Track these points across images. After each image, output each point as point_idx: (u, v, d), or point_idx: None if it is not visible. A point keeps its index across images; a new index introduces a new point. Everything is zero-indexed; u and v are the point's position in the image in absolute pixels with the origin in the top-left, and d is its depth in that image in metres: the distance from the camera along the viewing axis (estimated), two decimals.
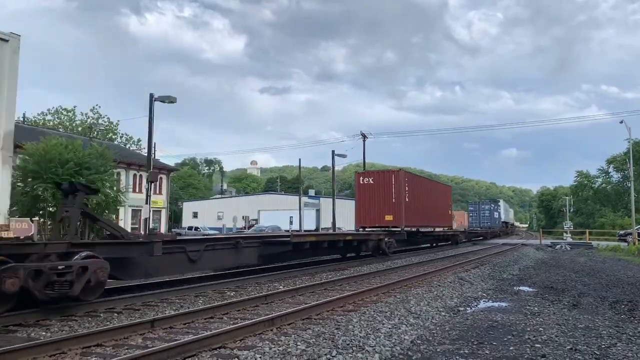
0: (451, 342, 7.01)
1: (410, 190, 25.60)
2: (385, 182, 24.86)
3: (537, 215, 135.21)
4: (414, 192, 26.33)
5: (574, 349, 6.57)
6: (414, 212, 25.82)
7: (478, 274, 15.66)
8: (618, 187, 71.22)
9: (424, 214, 27.83)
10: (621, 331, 7.68)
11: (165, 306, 9.75)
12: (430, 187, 31.02)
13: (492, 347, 6.70)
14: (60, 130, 52.56)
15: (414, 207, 25.93)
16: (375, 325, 7.80)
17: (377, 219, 24.54)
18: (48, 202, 19.92)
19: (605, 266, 19.87)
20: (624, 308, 9.81)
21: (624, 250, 30.96)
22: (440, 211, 32.09)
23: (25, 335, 7.30)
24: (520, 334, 7.53)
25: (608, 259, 24.72)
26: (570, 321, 8.45)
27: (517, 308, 9.84)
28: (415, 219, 26.12)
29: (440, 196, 32.73)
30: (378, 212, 24.57)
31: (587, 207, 75.26)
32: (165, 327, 7.70)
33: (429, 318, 8.69)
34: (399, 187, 24.45)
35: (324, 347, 6.35)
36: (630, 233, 38.70)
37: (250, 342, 6.76)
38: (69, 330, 7.59)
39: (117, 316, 8.78)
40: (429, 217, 29.09)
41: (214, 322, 8.25)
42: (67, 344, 6.36)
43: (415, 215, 26.18)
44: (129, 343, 6.79)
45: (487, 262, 20.20)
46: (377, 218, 24.54)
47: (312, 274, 15.74)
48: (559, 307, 9.88)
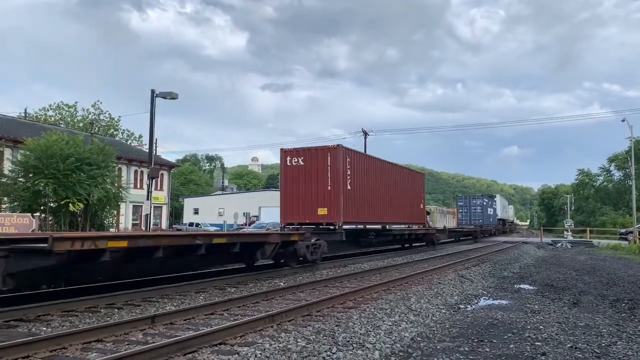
0: (451, 339, 7.01)
1: (354, 174, 19.49)
2: (319, 163, 18.64)
3: (538, 213, 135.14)
4: (361, 177, 20.23)
5: (574, 347, 6.57)
6: (359, 204, 19.83)
7: (478, 272, 15.66)
8: (619, 186, 71.13)
9: (377, 207, 21.77)
10: (621, 330, 7.68)
11: (166, 302, 9.77)
12: (389, 173, 23.94)
13: (492, 345, 6.70)
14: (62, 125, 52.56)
15: (359, 197, 19.88)
16: (375, 322, 7.81)
17: (307, 213, 18.64)
18: (49, 198, 19.93)
19: (605, 264, 19.87)
20: (625, 307, 9.80)
21: (625, 248, 30.94)
22: (405, 204, 25.75)
23: (26, 331, 7.32)
24: (521, 332, 7.53)
25: (609, 257, 24.71)
26: (570, 319, 8.45)
27: (517, 306, 9.84)
28: (361, 213, 20.17)
29: (406, 185, 26.28)
30: (309, 203, 18.59)
31: (588, 206, 75.15)
32: (166, 323, 7.71)
33: (429, 315, 8.70)
34: (336, 170, 18.36)
35: (324, 344, 6.35)
36: (631, 231, 38.67)
37: (250, 338, 6.76)
38: (70, 326, 7.60)
39: (118, 312, 8.79)
40: (386, 211, 22.95)
41: (215, 318, 8.26)
42: (67, 340, 6.37)
43: (362, 208, 20.16)
44: (129, 339, 6.80)
45: (487, 260, 20.21)
46: (307, 212, 18.63)
47: (313, 271, 15.75)
48: (560, 305, 9.88)
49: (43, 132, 22.54)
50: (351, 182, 19.12)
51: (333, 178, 18.36)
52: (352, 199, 19.12)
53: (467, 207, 52.38)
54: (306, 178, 18.70)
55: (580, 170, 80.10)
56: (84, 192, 19.69)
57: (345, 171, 18.66)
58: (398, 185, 24.76)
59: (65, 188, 19.25)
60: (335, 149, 18.58)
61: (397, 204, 24.29)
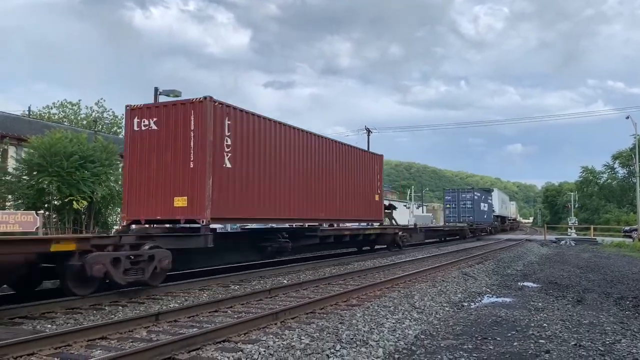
0: (455, 337, 7.01)
1: (241, 145, 13.09)
2: (179, 127, 12.21)
3: (541, 210, 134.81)
4: (257, 150, 13.67)
5: (578, 345, 6.56)
6: (251, 192, 13.36)
7: (482, 270, 15.65)
8: (623, 183, 70.92)
9: (294, 197, 15.33)
10: (626, 327, 7.66)
11: (169, 299, 9.79)
12: (317, 150, 16.95)
13: (496, 343, 6.70)
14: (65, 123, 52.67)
15: (251, 180, 13.42)
16: (379, 320, 7.81)
17: (161, 205, 12.18)
18: (53, 196, 19.98)
19: (609, 262, 19.82)
20: (629, 304, 9.78)
21: (629, 246, 30.84)
22: (348, 195, 18.98)
23: (30, 328, 7.35)
24: (524, 329, 7.52)
25: (613, 254, 24.65)
26: (574, 317, 8.43)
27: (521, 304, 9.83)
28: (257, 206, 13.61)
29: (350, 168, 19.26)
30: (163, 189, 12.21)
31: (592, 203, 74.91)
32: (170, 321, 7.73)
33: (433, 313, 8.70)
34: (204, 137, 11.89)
35: (328, 341, 6.36)
36: (636, 229, 38.56)
37: (254, 335, 6.78)
38: (74, 323, 7.63)
39: (122, 309, 8.82)
40: (312, 203, 16.34)
41: (219, 316, 8.28)
42: (72, 337, 6.40)
43: (259, 197, 13.68)
44: (133, 336, 6.82)
45: (491, 258, 20.18)
46: (161, 202, 12.20)
47: (316, 268, 15.75)
48: (563, 303, 9.86)
49: (47, 130, 22.59)
50: (233, 158, 12.68)
51: (198, 149, 11.89)
52: (234, 182, 12.73)
53: (455, 202, 44.00)
54: (160, 150, 12.34)
55: (584, 168, 79.95)
56: (88, 190, 19.72)
57: (221, 139, 12.29)
58: (334, 167, 17.92)
59: (69, 186, 19.28)
60: (202, 103, 12.02)
61: (332, 194, 17.60)
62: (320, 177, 17.00)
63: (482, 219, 45.33)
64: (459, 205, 43.60)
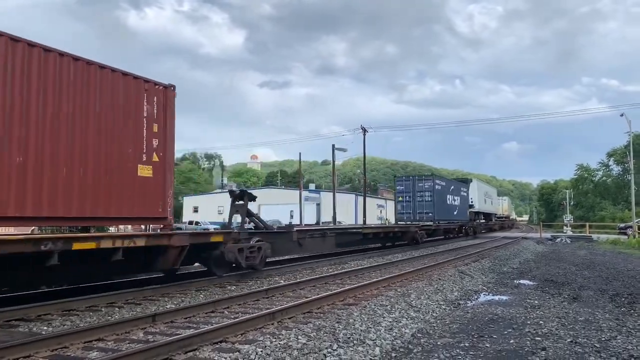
0: (452, 335, 7.03)
1: None
2: None
3: (537, 208, 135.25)
4: None
5: (574, 341, 6.59)
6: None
7: (478, 268, 15.68)
8: (618, 180, 71.24)
9: None
10: (621, 324, 7.70)
11: (166, 300, 9.78)
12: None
13: (493, 340, 6.72)
14: None
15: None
16: (376, 319, 7.82)
17: None
18: None
19: (605, 259, 19.90)
20: (624, 301, 9.82)
21: (624, 243, 30.99)
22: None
23: (27, 330, 7.33)
24: (521, 327, 7.54)
25: (608, 252, 24.74)
26: (570, 314, 8.47)
27: (517, 301, 9.86)
28: None
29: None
30: None
31: (588, 201, 75.25)
32: (167, 322, 7.73)
33: (430, 311, 8.71)
34: None
35: (325, 340, 6.37)
36: (631, 226, 38.74)
37: (251, 336, 6.78)
38: (71, 325, 7.61)
39: (119, 310, 8.80)
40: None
41: (215, 317, 8.27)
42: (68, 339, 6.39)
43: None
44: (130, 337, 6.81)
45: (487, 256, 20.24)
46: None
47: (313, 268, 15.76)
48: (559, 301, 9.89)
49: None
50: None
51: None
52: None
53: (410, 194, 33.19)
54: None
55: (579, 165, 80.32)
56: None
57: None
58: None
59: None
60: None
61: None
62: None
63: (451, 216, 35.61)
64: (415, 198, 32.69)
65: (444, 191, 34.37)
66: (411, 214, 32.54)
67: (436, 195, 32.46)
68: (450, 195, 35.54)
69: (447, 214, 34.57)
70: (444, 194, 34.34)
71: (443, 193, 34.23)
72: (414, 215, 32.35)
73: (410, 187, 33.20)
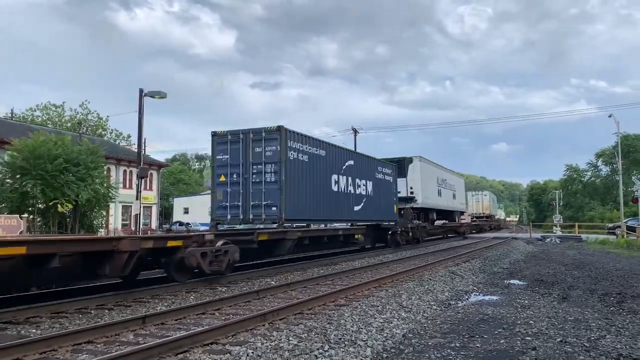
0: (442, 335, 7.05)
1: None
2: None
3: (527, 209, 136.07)
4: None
5: (564, 341, 6.62)
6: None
7: (469, 268, 15.75)
8: (607, 181, 71.91)
9: None
10: (610, 323, 7.76)
11: (156, 302, 9.72)
12: None
13: (483, 340, 6.74)
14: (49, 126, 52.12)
15: None
16: (367, 319, 7.83)
17: None
18: (37, 199, 19.75)
19: (594, 259, 20.05)
20: (613, 300, 9.90)
21: (613, 243, 31.24)
22: None
23: (15, 333, 7.26)
24: (511, 327, 7.58)
25: (597, 252, 24.93)
26: (560, 314, 8.52)
27: (507, 301, 9.91)
28: None
29: None
30: None
31: (577, 201, 75.86)
32: (157, 324, 7.68)
33: (421, 312, 8.73)
34: None
35: (316, 341, 6.36)
36: (619, 226, 39.07)
37: (242, 337, 6.76)
38: (60, 328, 7.55)
39: (108, 312, 8.74)
40: None
41: (206, 318, 8.24)
42: (57, 341, 6.33)
43: None
44: (120, 339, 6.76)
45: (477, 256, 20.32)
46: None
47: (304, 269, 15.74)
48: (549, 300, 9.96)
49: (30, 132, 22.30)
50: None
51: None
52: None
53: (237, 170, 16.19)
54: None
55: (568, 166, 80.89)
56: (73, 193, 19.52)
57: None
58: None
59: (53, 189, 19.06)
60: None
61: None
62: None
63: (347, 214, 20.08)
64: (250, 178, 16.03)
65: (318, 165, 17.68)
66: (242, 205, 16.05)
67: (291, 170, 15.93)
68: (344, 177, 19.44)
69: (331, 208, 18.42)
70: (319, 170, 17.76)
71: (316, 168, 17.59)
72: (246, 210, 16.01)
73: (241, 155, 16.13)
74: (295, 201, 15.97)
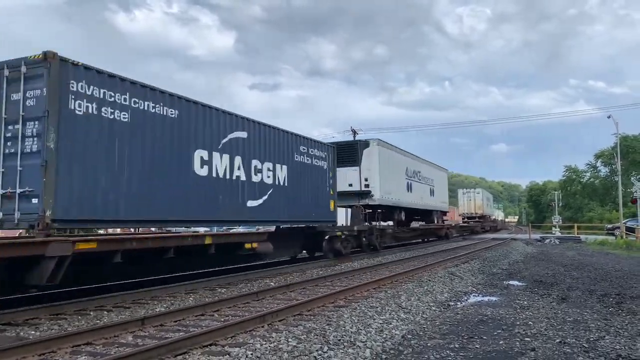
0: (442, 336, 7.05)
1: None
2: None
3: (526, 209, 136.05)
4: None
5: (563, 342, 6.63)
6: None
7: (468, 269, 15.75)
8: (606, 182, 71.84)
9: None
10: (609, 324, 7.76)
11: (155, 304, 9.72)
12: None
13: (482, 341, 6.75)
14: None
15: None
16: (366, 320, 7.83)
17: None
18: None
19: (593, 260, 20.05)
20: (612, 301, 9.90)
21: (612, 243, 31.24)
22: None
23: (14, 335, 7.25)
24: (510, 327, 7.58)
25: (596, 252, 24.94)
26: (559, 315, 8.52)
27: (506, 302, 9.91)
28: None
29: None
30: None
31: (576, 202, 75.81)
32: (156, 325, 7.67)
33: (420, 313, 8.73)
34: None
35: (315, 343, 6.36)
36: (618, 227, 39.08)
37: (241, 338, 6.75)
38: (59, 329, 7.54)
39: (107, 314, 8.74)
40: None
41: (205, 320, 8.23)
42: (56, 343, 6.33)
43: None
44: (119, 341, 6.76)
45: (477, 257, 20.33)
46: None
47: (304, 270, 15.74)
48: (548, 301, 9.96)
49: None
50: None
51: None
52: None
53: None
54: None
55: (567, 167, 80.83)
56: None
57: None
58: None
59: None
60: None
61: None
62: None
63: (217, 209, 12.68)
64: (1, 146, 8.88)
65: (159, 131, 11.06)
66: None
67: (76, 132, 9.24)
68: (225, 156, 13.19)
69: (196, 203, 11.98)
70: (162, 140, 11.16)
71: (155, 137, 10.95)
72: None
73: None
74: (89, 186, 9.36)
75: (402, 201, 26.41)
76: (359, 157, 22.60)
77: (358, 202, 22.00)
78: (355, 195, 22.27)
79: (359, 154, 22.66)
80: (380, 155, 23.27)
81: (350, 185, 21.93)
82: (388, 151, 24.82)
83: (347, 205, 22.19)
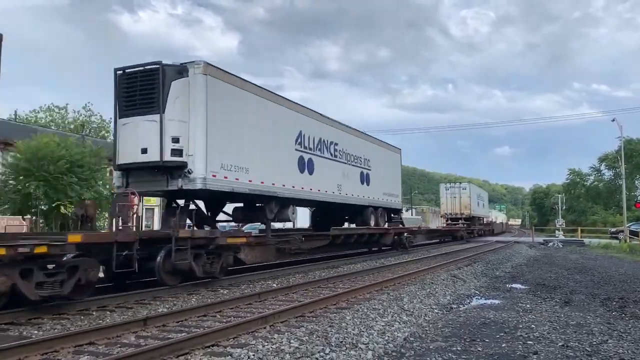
0: (444, 339, 7.03)
1: None
2: None
3: (529, 212, 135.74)
4: None
5: (566, 345, 6.61)
6: None
7: (471, 272, 15.72)
8: (610, 185, 71.65)
9: None
10: (612, 328, 7.73)
11: (158, 304, 9.73)
12: None
13: (485, 344, 6.73)
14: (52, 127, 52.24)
15: None
16: (368, 322, 7.82)
17: None
18: (40, 200, 19.78)
19: (597, 263, 20.00)
20: (615, 305, 9.87)
21: (616, 247, 31.16)
22: None
23: (17, 334, 7.27)
24: (513, 331, 7.56)
25: (600, 256, 24.88)
26: (562, 318, 8.50)
27: (509, 305, 9.89)
28: None
29: None
30: None
31: (579, 205, 75.62)
32: (158, 325, 7.68)
33: (422, 315, 8.72)
34: None
35: (317, 344, 6.35)
36: (622, 230, 38.98)
37: (243, 339, 6.75)
38: (61, 329, 7.55)
39: (110, 314, 8.75)
40: None
41: (207, 320, 8.24)
42: (59, 343, 6.34)
43: None
44: (121, 341, 6.77)
45: (480, 260, 20.29)
46: None
47: (306, 271, 15.74)
48: (551, 305, 9.93)
49: (33, 134, 22.36)
50: None
51: None
52: None
53: None
54: None
55: (571, 170, 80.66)
56: (76, 195, 19.56)
57: None
58: None
59: (56, 191, 19.10)
60: None
61: None
62: None
63: None
64: None
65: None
66: None
67: None
68: None
69: None
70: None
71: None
72: None
73: None
74: None
75: (282, 188, 15.12)
76: (162, 97, 11.68)
77: (166, 186, 12.24)
78: (157, 171, 12.16)
79: (160, 90, 11.69)
80: (215, 92, 12.45)
81: (144, 151, 11.88)
82: (236, 89, 13.49)
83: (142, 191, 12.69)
